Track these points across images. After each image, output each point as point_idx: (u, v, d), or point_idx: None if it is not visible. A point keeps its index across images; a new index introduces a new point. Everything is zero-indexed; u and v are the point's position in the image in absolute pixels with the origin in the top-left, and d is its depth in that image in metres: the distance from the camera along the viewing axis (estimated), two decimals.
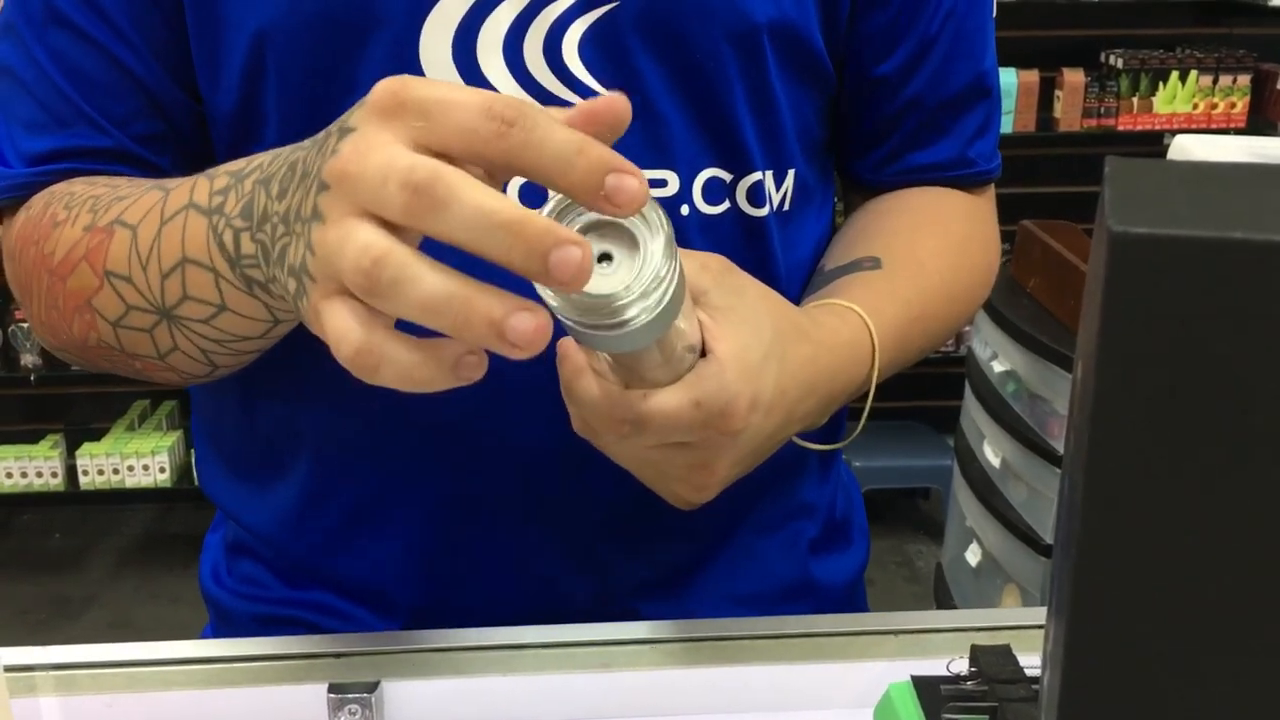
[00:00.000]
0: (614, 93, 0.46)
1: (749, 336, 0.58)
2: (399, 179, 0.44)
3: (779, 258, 0.76)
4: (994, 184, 0.86)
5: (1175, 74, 3.21)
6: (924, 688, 0.60)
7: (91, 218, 0.65)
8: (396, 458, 0.74)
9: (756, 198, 0.73)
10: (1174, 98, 3.22)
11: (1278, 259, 0.30)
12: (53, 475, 3.29)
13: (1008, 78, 3.16)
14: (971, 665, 0.60)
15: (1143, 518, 0.32)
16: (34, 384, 3.23)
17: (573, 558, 0.76)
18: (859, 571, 0.90)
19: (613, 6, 0.67)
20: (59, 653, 0.69)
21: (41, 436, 3.37)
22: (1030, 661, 0.58)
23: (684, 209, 0.71)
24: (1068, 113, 3.23)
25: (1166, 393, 0.31)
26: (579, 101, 0.68)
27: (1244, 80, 3.22)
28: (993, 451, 2.21)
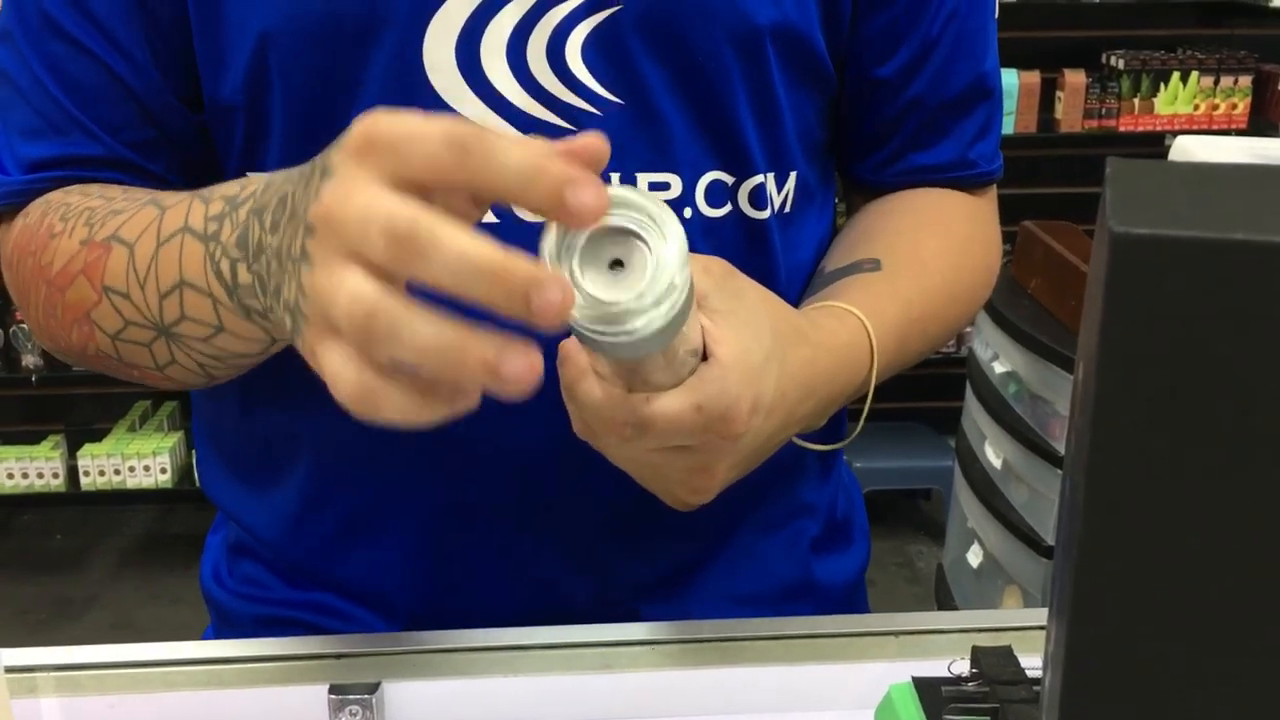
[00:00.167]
0: (592, 132, 0.47)
1: (750, 340, 0.59)
2: (380, 227, 0.45)
3: (780, 259, 0.76)
4: (995, 185, 0.86)
5: (1176, 75, 3.21)
6: (925, 689, 0.60)
7: (88, 231, 0.65)
8: (394, 463, 0.74)
9: (758, 200, 0.73)
10: (1175, 99, 3.22)
11: (1278, 260, 0.30)
12: (54, 476, 3.29)
13: (1009, 79, 3.15)
14: (973, 666, 0.60)
15: (1144, 519, 0.32)
16: (35, 385, 3.23)
17: (573, 559, 0.76)
18: (860, 571, 0.90)
19: (615, 10, 0.67)
20: (60, 653, 0.69)
21: (43, 437, 3.37)
22: (1031, 663, 0.58)
23: (686, 211, 0.71)
24: (1069, 114, 3.23)
25: (1168, 393, 0.31)
26: (581, 103, 0.69)
27: (1245, 81, 3.22)
28: (994, 452, 2.20)
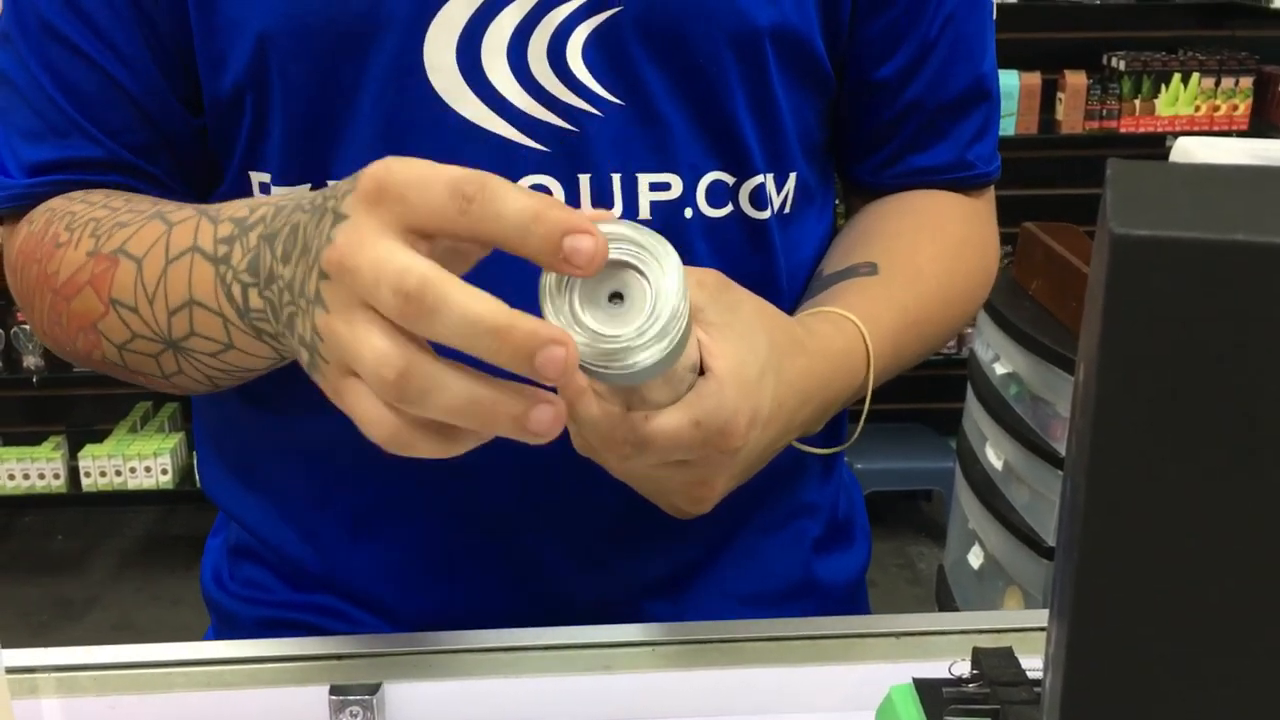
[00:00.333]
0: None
1: (746, 352, 0.59)
2: (390, 284, 0.46)
3: (780, 259, 0.76)
4: (994, 186, 0.86)
5: (1177, 76, 3.21)
6: (926, 690, 0.60)
7: (94, 243, 0.65)
8: (395, 465, 0.74)
9: (759, 200, 0.73)
10: (1176, 100, 3.22)
11: (1279, 261, 0.30)
12: (55, 477, 3.29)
13: (1010, 80, 3.15)
14: (973, 667, 0.60)
15: (1145, 520, 0.32)
16: (36, 385, 3.23)
17: (574, 560, 0.76)
18: (861, 571, 0.90)
19: (615, 11, 0.67)
20: (61, 654, 0.69)
21: (44, 438, 3.37)
22: (1032, 664, 0.58)
23: (687, 212, 0.71)
24: (1070, 115, 3.23)
25: (1168, 394, 0.31)
26: (581, 104, 0.69)
27: (1246, 83, 3.22)
28: (995, 454, 2.20)
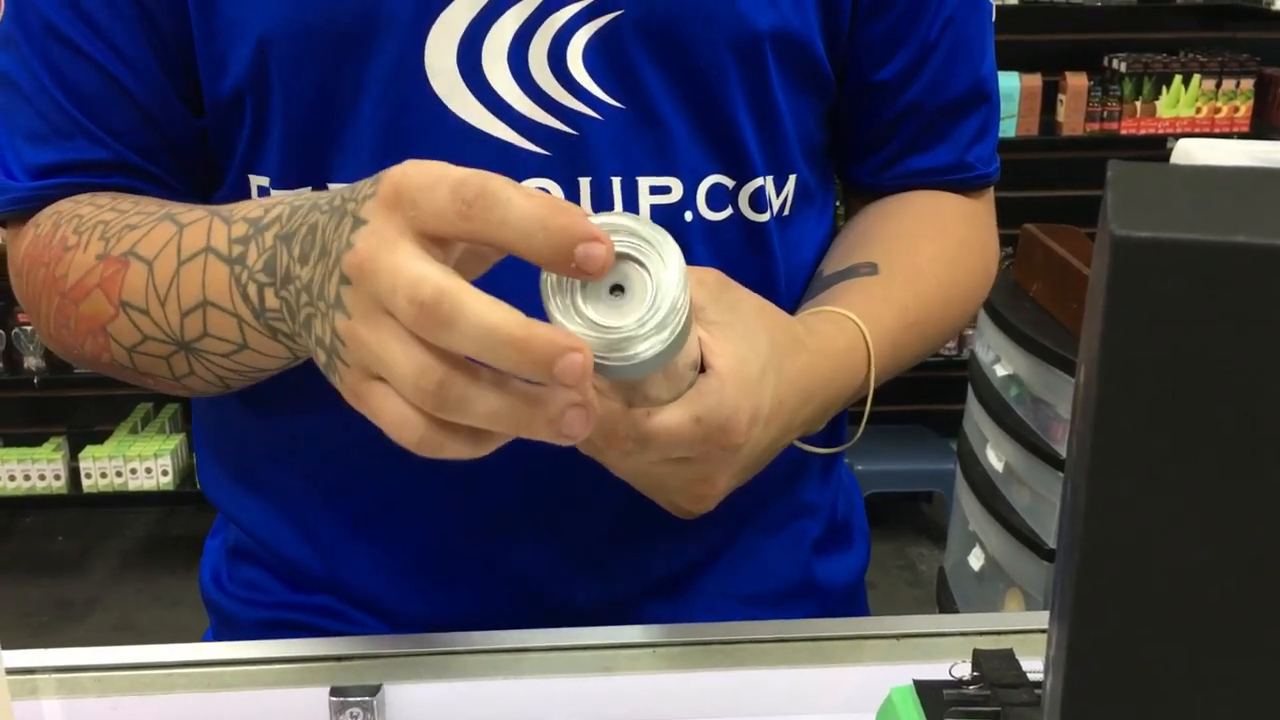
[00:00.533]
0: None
1: (746, 350, 0.59)
2: (406, 294, 0.46)
3: (780, 261, 0.76)
4: (992, 188, 0.86)
5: (1178, 78, 3.20)
6: (926, 692, 0.60)
7: (103, 246, 0.65)
8: (396, 466, 0.74)
9: (758, 203, 0.73)
10: (1177, 102, 3.21)
11: (1279, 263, 0.30)
12: (56, 478, 3.29)
13: (1011, 82, 3.15)
14: (974, 669, 0.60)
15: (1145, 522, 0.32)
16: (37, 386, 3.23)
17: (575, 561, 0.76)
18: (860, 572, 0.90)
19: (616, 15, 0.67)
20: (61, 655, 0.69)
21: (45, 439, 3.37)
22: (1033, 666, 0.58)
23: (687, 215, 0.71)
24: (1071, 117, 3.23)
25: (1169, 396, 0.31)
26: (582, 108, 0.69)
27: (1247, 84, 3.22)
28: (995, 455, 2.20)
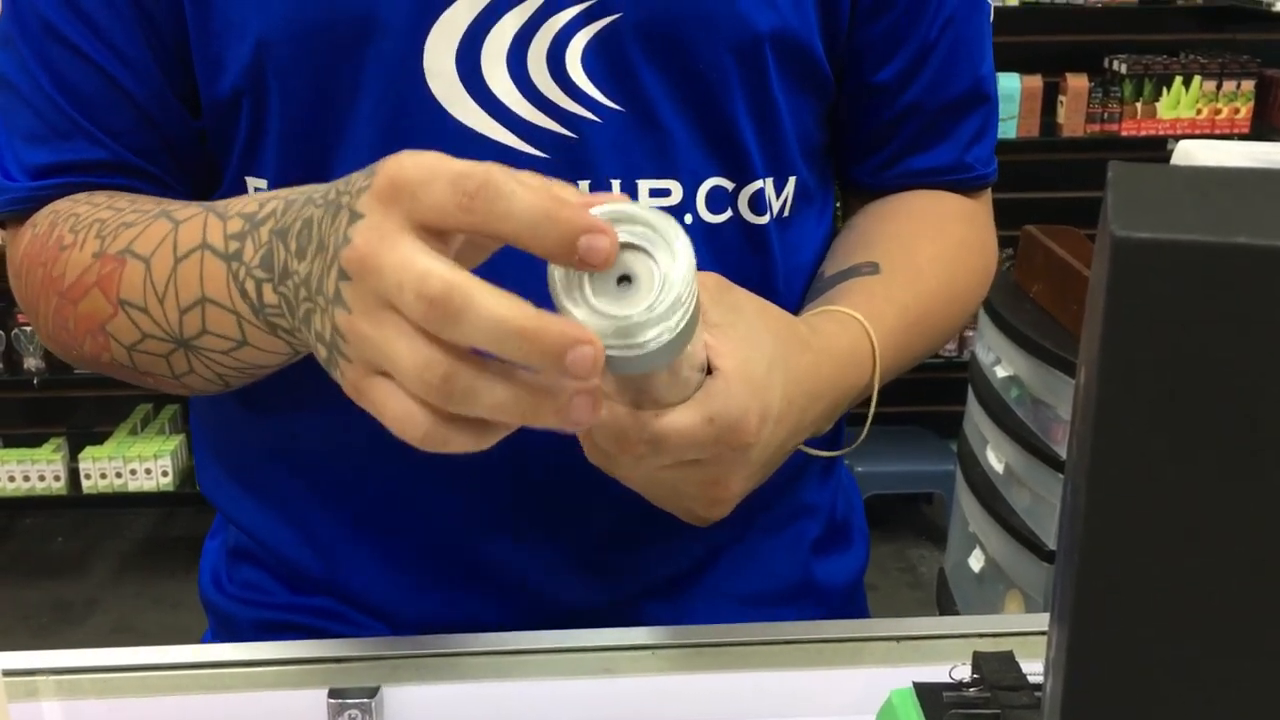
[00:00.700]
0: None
1: (751, 350, 0.59)
2: (413, 289, 0.46)
3: (779, 263, 0.76)
4: (991, 188, 0.86)
5: (1179, 79, 3.20)
6: (926, 694, 0.60)
7: (100, 244, 0.65)
8: (396, 467, 0.74)
9: (758, 205, 0.73)
10: (1177, 103, 3.21)
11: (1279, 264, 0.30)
12: (55, 479, 3.29)
13: (1011, 83, 3.15)
14: (974, 671, 0.60)
15: (1145, 523, 0.32)
16: (37, 387, 3.23)
17: (576, 562, 0.76)
18: (859, 573, 0.90)
19: (615, 17, 0.67)
20: (60, 657, 0.69)
21: (44, 440, 3.37)
22: (1033, 668, 0.58)
23: (687, 218, 0.71)
24: (1071, 118, 3.23)
25: (1169, 397, 0.31)
26: (581, 111, 0.69)
27: (1247, 86, 3.22)
28: (996, 457, 2.20)
